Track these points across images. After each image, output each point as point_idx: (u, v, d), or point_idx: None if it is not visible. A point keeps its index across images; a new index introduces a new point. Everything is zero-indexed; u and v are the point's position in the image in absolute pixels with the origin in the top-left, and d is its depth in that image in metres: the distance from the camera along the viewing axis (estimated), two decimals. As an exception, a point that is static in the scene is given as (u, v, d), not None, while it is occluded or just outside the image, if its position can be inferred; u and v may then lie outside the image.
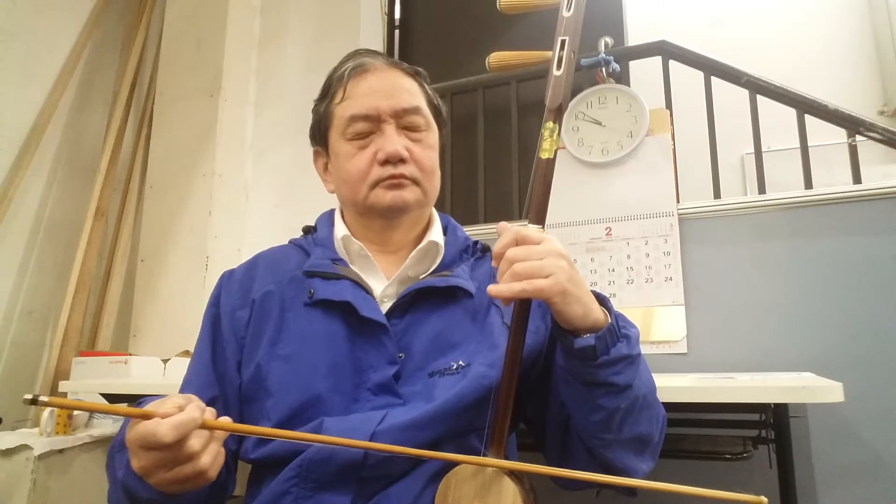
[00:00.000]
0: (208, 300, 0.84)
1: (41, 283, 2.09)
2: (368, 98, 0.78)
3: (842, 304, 1.47)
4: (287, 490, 0.68)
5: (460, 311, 0.77)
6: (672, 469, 1.51)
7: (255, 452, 0.73)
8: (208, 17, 2.25)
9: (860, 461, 1.40)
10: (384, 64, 0.81)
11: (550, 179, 0.68)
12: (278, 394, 0.73)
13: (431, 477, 0.68)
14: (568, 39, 0.71)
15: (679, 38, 1.84)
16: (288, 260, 0.83)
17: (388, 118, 0.78)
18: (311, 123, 0.86)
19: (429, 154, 0.81)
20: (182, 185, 2.15)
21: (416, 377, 0.73)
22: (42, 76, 2.15)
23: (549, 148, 0.68)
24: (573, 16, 0.72)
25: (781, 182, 1.73)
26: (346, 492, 0.67)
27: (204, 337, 0.82)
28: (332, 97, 0.81)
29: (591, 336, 0.63)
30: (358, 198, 0.79)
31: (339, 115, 0.80)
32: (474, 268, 0.84)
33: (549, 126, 0.69)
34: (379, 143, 0.78)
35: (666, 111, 1.77)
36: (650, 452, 0.72)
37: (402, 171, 0.77)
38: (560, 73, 0.71)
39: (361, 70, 0.80)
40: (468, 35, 2.56)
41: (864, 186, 1.52)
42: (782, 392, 1.04)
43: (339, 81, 0.81)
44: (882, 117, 2.42)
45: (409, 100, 0.80)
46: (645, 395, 0.68)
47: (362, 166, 0.78)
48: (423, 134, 0.81)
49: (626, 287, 1.68)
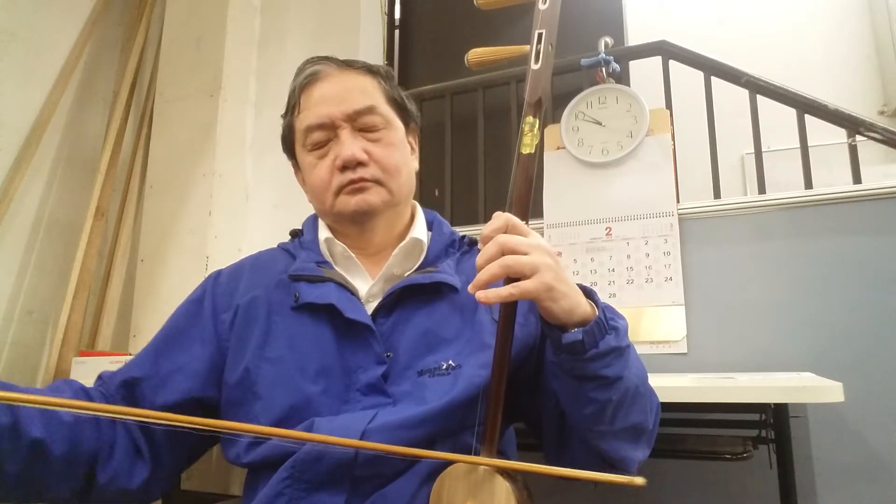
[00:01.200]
0: (190, 295, 0.84)
1: (41, 283, 2.09)
2: (320, 106, 0.79)
3: (842, 304, 1.47)
4: (281, 491, 0.68)
5: (447, 307, 0.77)
6: (672, 469, 1.52)
7: (247, 456, 0.72)
8: (208, 17, 2.25)
9: (860, 461, 1.39)
10: (335, 68, 0.81)
11: (532, 174, 0.68)
12: (268, 396, 0.72)
13: (427, 476, 0.67)
14: (545, 32, 0.70)
15: (679, 38, 1.83)
16: (275, 264, 0.84)
17: (342, 123, 0.78)
18: (281, 138, 0.87)
19: (390, 153, 0.80)
20: (182, 185, 2.15)
21: (405, 376, 0.73)
22: (42, 76, 2.14)
23: (529, 143, 0.68)
24: (549, 9, 0.71)
25: (781, 182, 1.73)
26: (341, 491, 0.67)
27: (166, 325, 0.82)
28: (292, 110, 0.83)
29: (578, 330, 0.62)
30: (326, 207, 0.80)
31: (298, 128, 0.81)
32: (461, 262, 0.83)
33: (528, 120, 0.69)
34: (336, 149, 0.78)
35: (666, 111, 1.77)
36: (645, 440, 0.72)
37: (360, 174, 0.77)
38: (538, 67, 0.70)
39: (313, 79, 0.80)
40: (468, 35, 2.55)
41: (864, 186, 1.52)
42: (782, 392, 1.04)
43: (293, 95, 0.82)
44: (882, 117, 2.42)
45: (362, 100, 0.79)
46: (636, 386, 0.68)
47: (324, 175, 0.79)
48: (381, 133, 0.80)
49: (626, 287, 1.67)
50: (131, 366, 0.79)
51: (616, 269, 1.69)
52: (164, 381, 0.77)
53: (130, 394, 0.77)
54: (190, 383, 0.77)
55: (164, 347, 0.79)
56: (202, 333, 0.79)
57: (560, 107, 1.83)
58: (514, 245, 0.61)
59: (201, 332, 0.79)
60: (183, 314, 0.82)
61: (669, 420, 1.38)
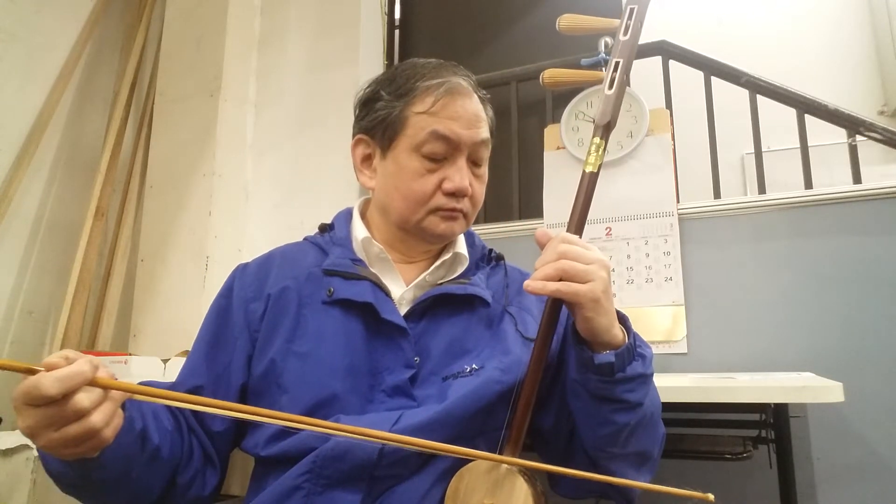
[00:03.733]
0: (219, 291, 0.83)
1: (41, 283, 2.09)
2: (454, 122, 0.77)
3: (842, 304, 1.47)
4: (299, 485, 0.68)
5: (475, 319, 0.78)
6: (672, 469, 1.51)
7: (265, 449, 0.73)
8: (208, 17, 2.25)
9: (860, 461, 1.39)
10: (470, 89, 0.80)
11: (592, 193, 0.72)
12: (294, 390, 0.73)
13: (440, 476, 0.68)
14: (622, 62, 0.75)
15: (679, 38, 1.83)
16: (305, 257, 0.83)
17: (465, 147, 0.78)
18: (372, 116, 0.81)
19: (483, 190, 0.83)
20: (182, 185, 2.14)
21: (431, 381, 0.74)
22: (42, 76, 2.14)
23: (594, 162, 0.72)
24: (629, 40, 0.76)
25: (781, 182, 1.73)
26: (358, 489, 0.67)
27: (205, 327, 0.81)
28: (413, 103, 0.78)
29: (610, 353, 0.64)
30: (411, 217, 0.78)
31: (418, 126, 0.77)
32: (490, 276, 0.85)
33: (595, 142, 0.73)
34: (449, 171, 0.77)
35: (666, 111, 1.77)
36: (649, 467, 0.74)
37: (462, 206, 0.78)
38: (611, 93, 0.75)
39: (454, 90, 0.78)
40: (468, 35, 2.55)
41: (864, 186, 1.52)
42: (782, 392, 1.04)
43: (427, 91, 0.77)
44: (882, 117, 2.42)
45: (484, 132, 0.80)
46: (652, 414, 0.70)
47: (427, 189, 0.77)
48: (483, 169, 0.82)
49: (626, 287, 1.67)
50: (189, 375, 0.79)
51: (616, 269, 1.69)
52: (220, 383, 0.77)
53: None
54: (241, 376, 0.77)
55: (211, 350, 0.79)
56: (235, 326, 0.79)
57: (560, 107, 1.83)
58: (575, 254, 0.64)
59: (234, 325, 0.79)
60: (216, 312, 0.82)
61: (669, 420, 1.38)
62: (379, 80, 0.83)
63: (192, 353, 0.80)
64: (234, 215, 2.16)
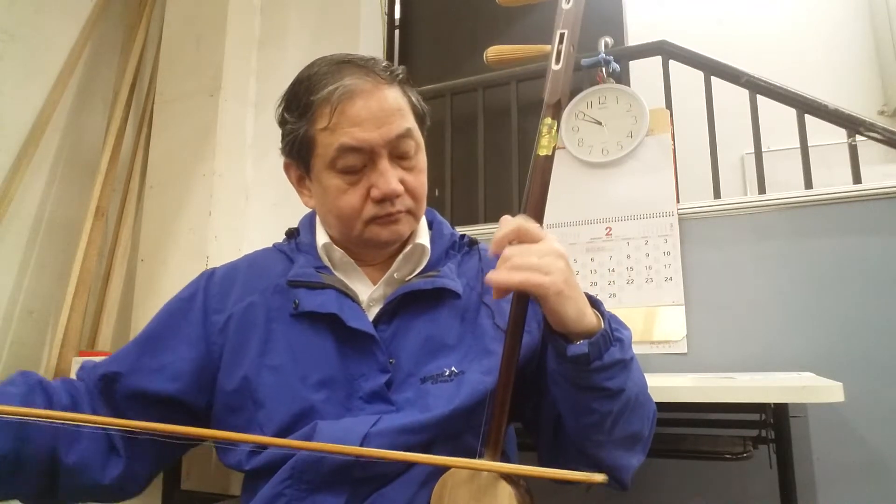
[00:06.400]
0: (179, 293, 0.82)
1: (41, 283, 2.09)
2: (358, 128, 0.71)
3: (842, 304, 1.47)
4: (281, 492, 0.67)
5: (449, 313, 0.76)
6: (672, 469, 1.51)
7: (248, 464, 0.72)
8: (208, 17, 2.25)
9: (860, 461, 1.39)
10: (370, 83, 0.73)
11: (548, 177, 0.67)
12: (270, 405, 0.72)
13: (427, 478, 0.67)
14: (567, 33, 0.69)
15: (679, 38, 1.83)
16: (272, 267, 0.82)
17: (381, 149, 0.72)
18: (286, 141, 0.78)
19: (421, 181, 0.77)
20: (182, 185, 2.14)
21: (408, 383, 0.73)
22: (42, 76, 2.14)
23: (547, 144, 0.67)
24: (573, 8, 0.70)
25: (781, 182, 1.73)
26: (340, 493, 0.67)
27: (153, 322, 0.80)
28: (314, 120, 0.73)
29: (584, 343, 0.62)
30: (352, 233, 0.76)
31: (325, 144, 0.73)
32: (462, 263, 0.82)
33: (547, 122, 0.67)
34: (373, 178, 0.73)
35: (666, 111, 1.77)
36: (640, 447, 0.72)
37: (398, 207, 0.74)
38: (559, 68, 0.69)
39: (350, 93, 0.72)
40: (468, 35, 2.55)
41: (864, 186, 1.52)
42: (782, 392, 1.05)
43: (323, 104, 0.72)
44: (882, 117, 2.42)
45: (400, 123, 0.73)
46: (637, 396, 0.68)
47: (355, 203, 0.73)
48: (414, 159, 0.76)
49: (626, 287, 1.67)
50: (113, 359, 0.77)
51: (616, 269, 1.69)
52: (143, 378, 0.75)
53: (108, 388, 0.75)
54: (171, 384, 0.75)
55: (148, 344, 0.78)
56: (191, 334, 0.77)
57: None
58: (523, 255, 0.61)
59: (190, 332, 0.77)
60: (172, 312, 0.80)
61: (669, 420, 1.38)
62: (284, 99, 0.79)
63: (129, 342, 0.79)
64: (234, 215, 2.16)
